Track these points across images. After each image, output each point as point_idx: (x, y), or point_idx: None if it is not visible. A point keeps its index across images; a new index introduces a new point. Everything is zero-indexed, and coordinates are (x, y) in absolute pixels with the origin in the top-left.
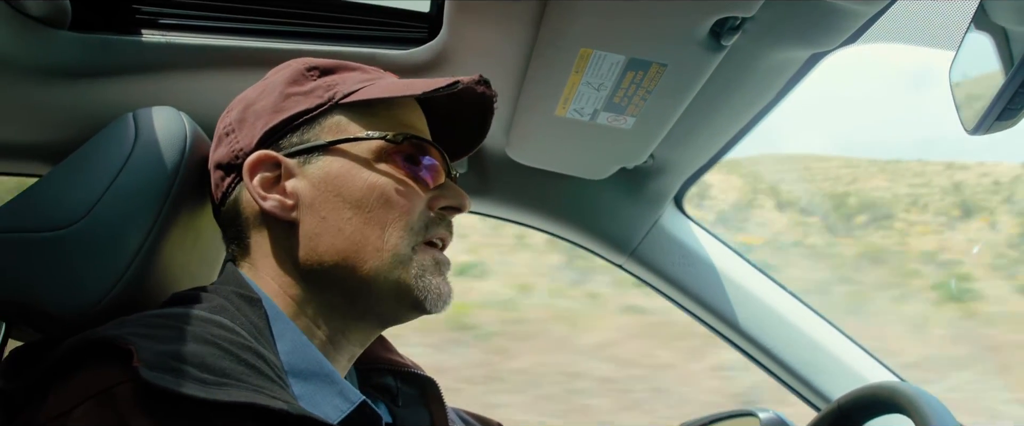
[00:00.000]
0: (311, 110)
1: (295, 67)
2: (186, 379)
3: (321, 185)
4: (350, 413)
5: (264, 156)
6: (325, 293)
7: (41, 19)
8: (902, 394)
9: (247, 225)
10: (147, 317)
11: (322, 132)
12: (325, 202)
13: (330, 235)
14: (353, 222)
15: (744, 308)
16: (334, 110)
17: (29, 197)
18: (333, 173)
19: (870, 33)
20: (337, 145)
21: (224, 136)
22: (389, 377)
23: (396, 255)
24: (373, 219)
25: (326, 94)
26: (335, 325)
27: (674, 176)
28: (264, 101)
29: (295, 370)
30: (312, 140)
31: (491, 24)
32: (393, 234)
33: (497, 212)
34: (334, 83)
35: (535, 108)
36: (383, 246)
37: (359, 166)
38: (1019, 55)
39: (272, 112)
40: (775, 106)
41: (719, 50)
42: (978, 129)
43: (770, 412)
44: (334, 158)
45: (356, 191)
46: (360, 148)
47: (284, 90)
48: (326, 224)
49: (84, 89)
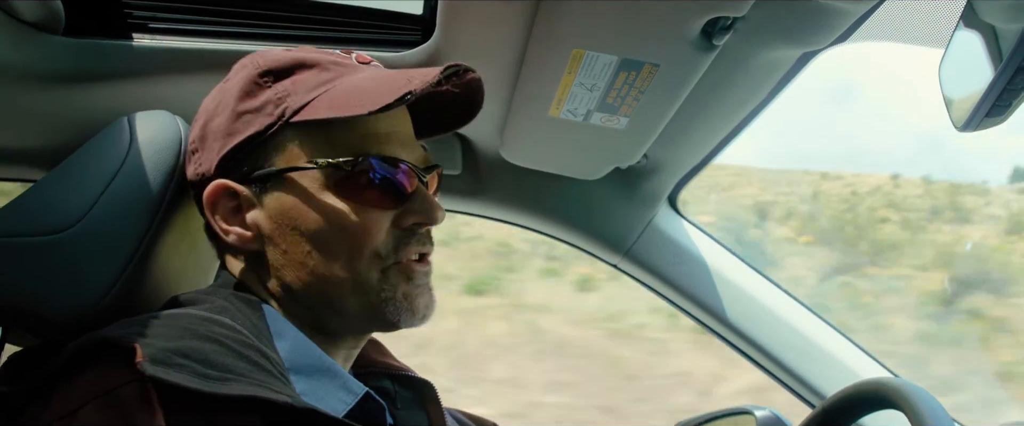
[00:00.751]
0: (261, 132)
1: (249, 72)
2: (190, 374)
3: (278, 218)
4: (354, 405)
5: (221, 187)
6: (302, 314)
7: (35, 24)
8: (895, 390)
9: (222, 246)
10: (149, 318)
11: (274, 155)
12: (283, 237)
13: (293, 268)
14: (313, 256)
15: (739, 306)
16: (285, 129)
17: (25, 202)
18: (287, 205)
19: (860, 32)
20: (288, 173)
21: (191, 153)
22: (386, 381)
23: (360, 284)
24: (334, 252)
25: (276, 111)
26: (317, 337)
27: (668, 176)
28: (219, 119)
29: (297, 367)
30: (265, 166)
31: (484, 26)
32: (356, 264)
33: (492, 213)
34: (285, 94)
35: (529, 109)
36: (346, 277)
37: (313, 195)
38: (1008, 52)
39: (226, 135)
40: (767, 105)
41: (711, 50)
42: (967, 126)
43: (767, 410)
44: (287, 187)
45: (312, 224)
46: (310, 177)
47: (236, 107)
48: (288, 257)
49: (78, 94)
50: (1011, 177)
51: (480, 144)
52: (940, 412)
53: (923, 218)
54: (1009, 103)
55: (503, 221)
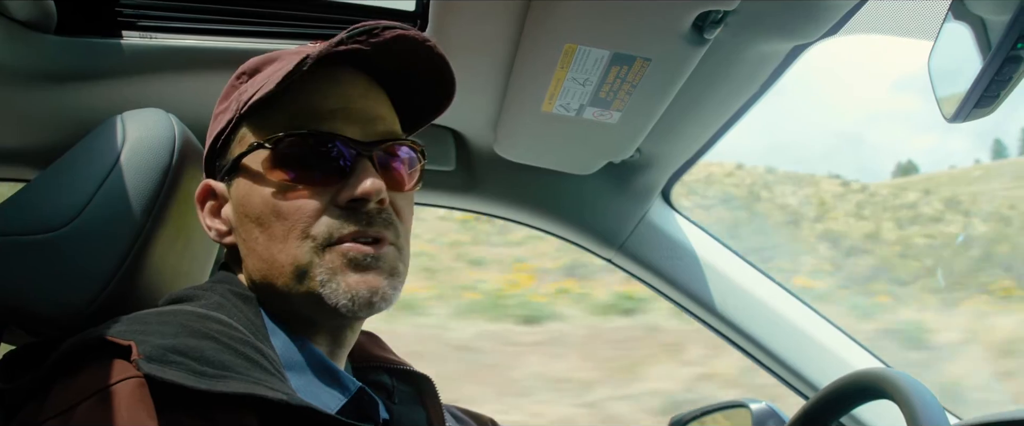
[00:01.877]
0: (225, 128)
1: (232, 76)
2: (186, 372)
3: (238, 208)
4: (348, 401)
5: (205, 187)
6: (272, 304)
7: (26, 23)
8: (887, 380)
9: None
10: (146, 315)
11: (234, 147)
12: (241, 225)
13: (251, 257)
14: (260, 241)
15: (732, 299)
16: (241, 121)
17: (19, 200)
18: (241, 193)
19: (850, 25)
20: (239, 162)
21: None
22: (384, 375)
23: (297, 266)
24: (274, 235)
25: (235, 106)
26: (298, 330)
27: (661, 170)
28: (215, 121)
29: (292, 364)
30: (227, 159)
31: (476, 22)
32: (290, 246)
33: (486, 209)
34: (246, 90)
35: (522, 104)
36: (285, 261)
37: (255, 181)
38: (996, 43)
39: (209, 135)
40: (759, 98)
41: (702, 44)
42: (957, 117)
43: (762, 403)
44: (241, 175)
45: (255, 208)
46: (253, 161)
47: (215, 110)
48: (247, 246)
49: (71, 93)
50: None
51: (473, 140)
52: (931, 401)
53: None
54: (998, 93)
55: (497, 217)
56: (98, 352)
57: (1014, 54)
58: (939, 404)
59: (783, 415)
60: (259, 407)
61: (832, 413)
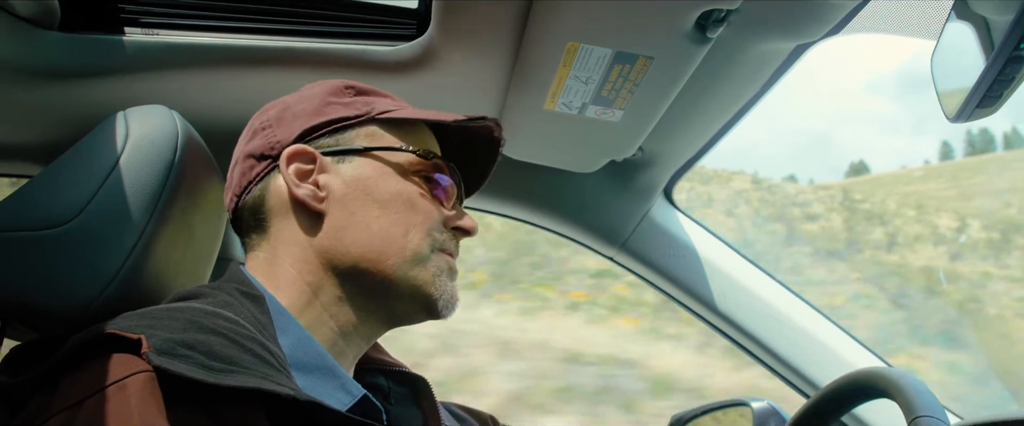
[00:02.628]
0: (350, 118)
1: (335, 84)
2: (195, 366)
3: (353, 183)
4: (352, 406)
5: (301, 149)
6: (344, 283)
7: (30, 20)
8: (887, 379)
9: (272, 212)
10: (154, 310)
11: (357, 138)
12: (355, 199)
13: (356, 229)
14: (380, 220)
15: (734, 298)
16: (370, 122)
17: (22, 196)
18: (365, 175)
19: (853, 24)
20: (372, 151)
21: (260, 130)
22: (380, 377)
23: (417, 254)
24: (398, 220)
25: (364, 108)
26: (347, 317)
27: (663, 168)
28: (304, 105)
29: (298, 364)
30: (348, 143)
31: (479, 20)
32: (415, 236)
33: (488, 207)
34: (370, 101)
35: (524, 102)
36: (406, 245)
37: (390, 171)
38: (999, 44)
39: (312, 114)
40: (762, 97)
41: (705, 42)
42: (959, 117)
43: (763, 401)
44: (367, 160)
45: (385, 193)
46: (392, 157)
47: (325, 98)
48: (354, 218)
49: (74, 89)
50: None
51: None
52: (931, 400)
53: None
54: (1000, 93)
55: (500, 214)
56: (107, 346)
57: (1017, 54)
58: (939, 403)
59: (784, 414)
60: (267, 402)
61: (833, 412)
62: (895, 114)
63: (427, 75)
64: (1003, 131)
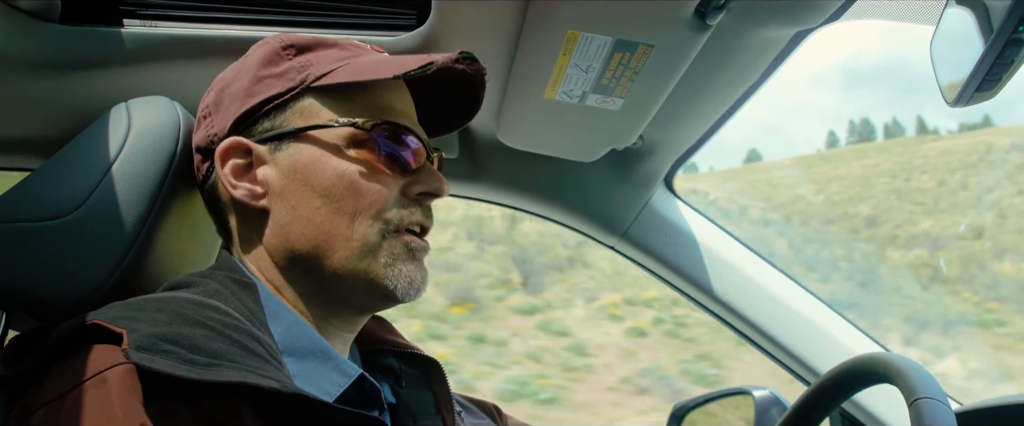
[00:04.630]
0: (282, 94)
1: (272, 45)
2: (177, 361)
3: (290, 174)
4: (348, 387)
5: (234, 143)
6: (301, 279)
7: (31, 12)
8: (888, 364)
9: (225, 210)
10: (140, 301)
11: (293, 117)
12: (294, 191)
13: (300, 224)
14: (322, 212)
15: (735, 286)
16: (306, 93)
17: (25, 188)
18: (302, 161)
19: (853, 10)
20: (307, 131)
21: (202, 119)
22: (392, 358)
23: (365, 245)
24: (342, 208)
25: (298, 77)
26: (316, 311)
27: (664, 157)
28: (238, 84)
29: (290, 349)
30: (282, 126)
31: (479, 8)
32: (362, 224)
33: (489, 196)
34: (308, 64)
35: (525, 91)
36: (352, 236)
37: (329, 154)
38: (998, 27)
39: (244, 96)
40: (762, 84)
41: (704, 30)
42: (958, 101)
43: (765, 390)
44: (304, 145)
45: (325, 180)
46: (330, 135)
47: (257, 73)
48: (296, 213)
49: (75, 82)
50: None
51: (477, 127)
52: (931, 383)
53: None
54: (999, 77)
55: (501, 204)
56: (90, 339)
57: (1015, 37)
58: (941, 388)
59: (786, 402)
60: (252, 395)
61: (834, 398)
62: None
63: None
64: (884, 122)
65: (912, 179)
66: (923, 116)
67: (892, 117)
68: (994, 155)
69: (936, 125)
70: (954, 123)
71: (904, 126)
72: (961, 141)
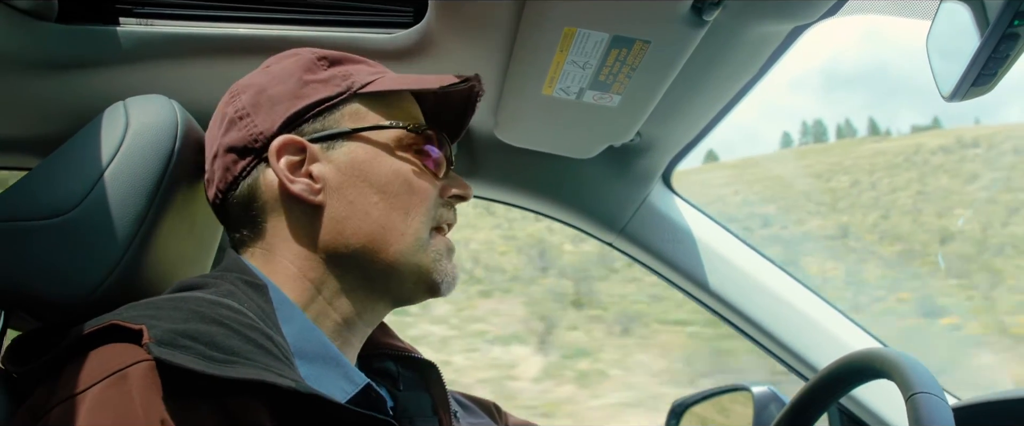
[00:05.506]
0: (332, 98)
1: (305, 56)
2: (196, 356)
3: (347, 170)
4: (355, 395)
5: (289, 140)
6: (346, 275)
7: (28, 12)
8: (885, 360)
9: (265, 208)
10: (155, 301)
11: (343, 119)
12: (352, 187)
13: (357, 218)
14: (379, 206)
15: (733, 282)
16: (352, 99)
17: (23, 186)
18: (359, 159)
19: (850, 5)
20: (361, 132)
21: (237, 120)
22: (389, 362)
23: (418, 239)
24: (398, 204)
25: (344, 83)
26: (351, 307)
27: (661, 153)
28: (280, 87)
29: (302, 352)
30: (334, 127)
31: (476, 6)
32: (415, 219)
33: (487, 193)
34: (349, 73)
35: (522, 88)
36: (406, 230)
37: (383, 152)
38: (993, 21)
39: (292, 98)
40: (759, 80)
41: (701, 25)
42: (955, 95)
43: (764, 386)
44: (358, 144)
45: (382, 176)
46: (382, 136)
47: (302, 77)
48: (353, 208)
49: (73, 81)
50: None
51: (474, 124)
52: (928, 377)
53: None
54: (995, 71)
55: (498, 201)
56: (109, 337)
57: (1011, 31)
58: (938, 384)
59: (784, 398)
60: (268, 393)
61: (832, 394)
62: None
63: (424, 62)
64: (837, 123)
65: (832, 180)
66: (896, 119)
67: (845, 119)
68: (919, 156)
69: (888, 127)
70: (913, 124)
71: (856, 128)
72: (896, 143)
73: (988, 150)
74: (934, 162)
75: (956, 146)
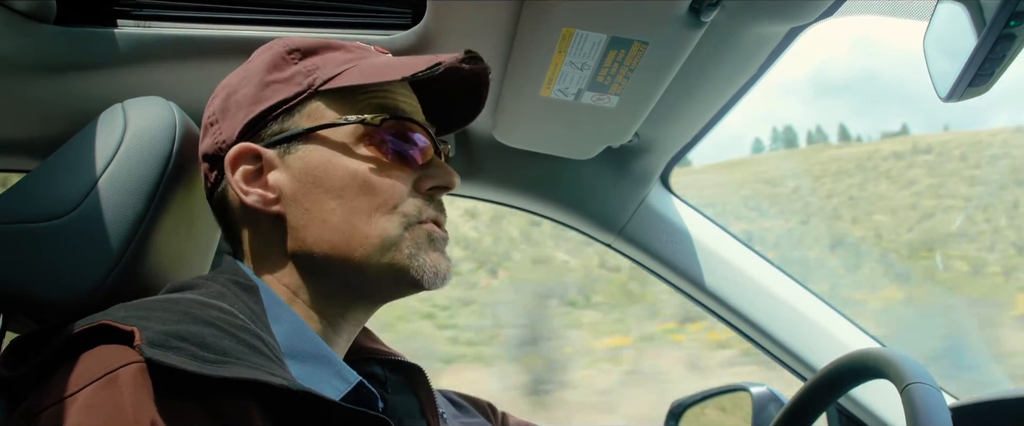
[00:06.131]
0: (289, 99)
1: (276, 50)
2: (188, 357)
3: (302, 176)
4: (348, 393)
5: (244, 149)
6: (321, 279)
7: (26, 14)
8: (883, 360)
9: (236, 217)
10: (147, 302)
11: (301, 120)
12: (306, 194)
13: (316, 226)
14: (337, 213)
15: (732, 283)
16: (313, 97)
17: (23, 188)
18: (313, 163)
19: (846, 6)
20: (315, 132)
21: (209, 126)
22: (376, 366)
23: (385, 240)
24: (358, 207)
25: (305, 81)
26: (333, 310)
27: (659, 154)
28: (245, 90)
29: (293, 352)
30: (291, 129)
31: (474, 7)
32: (380, 219)
33: (486, 195)
34: (314, 67)
35: (520, 89)
36: (371, 233)
37: (338, 153)
38: (990, 22)
39: (252, 103)
40: (757, 81)
41: (699, 26)
42: (952, 96)
43: (762, 386)
44: (313, 146)
45: (337, 180)
46: (338, 134)
47: (264, 78)
48: (310, 216)
49: (72, 83)
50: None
51: (473, 126)
52: (921, 371)
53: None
54: (991, 72)
55: (497, 202)
56: (100, 338)
57: (1007, 32)
58: (936, 384)
59: (783, 398)
60: (260, 393)
61: (830, 394)
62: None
63: None
64: (808, 130)
65: (779, 186)
66: (876, 126)
67: (816, 125)
68: (871, 162)
69: (861, 134)
70: (883, 131)
71: (828, 134)
72: (855, 149)
73: (937, 156)
74: (883, 168)
75: (909, 152)
